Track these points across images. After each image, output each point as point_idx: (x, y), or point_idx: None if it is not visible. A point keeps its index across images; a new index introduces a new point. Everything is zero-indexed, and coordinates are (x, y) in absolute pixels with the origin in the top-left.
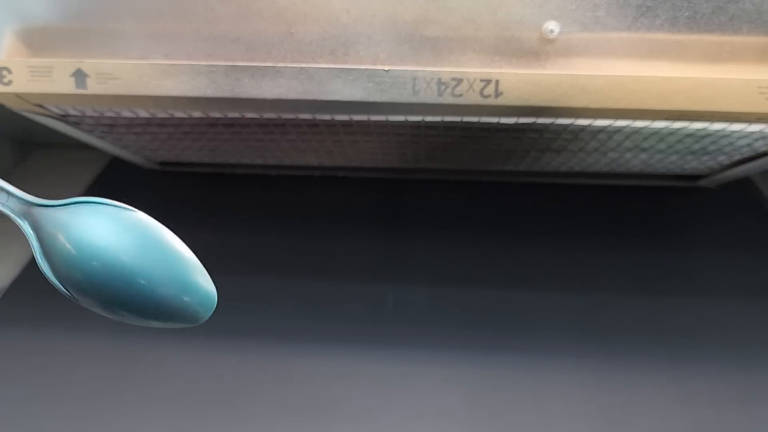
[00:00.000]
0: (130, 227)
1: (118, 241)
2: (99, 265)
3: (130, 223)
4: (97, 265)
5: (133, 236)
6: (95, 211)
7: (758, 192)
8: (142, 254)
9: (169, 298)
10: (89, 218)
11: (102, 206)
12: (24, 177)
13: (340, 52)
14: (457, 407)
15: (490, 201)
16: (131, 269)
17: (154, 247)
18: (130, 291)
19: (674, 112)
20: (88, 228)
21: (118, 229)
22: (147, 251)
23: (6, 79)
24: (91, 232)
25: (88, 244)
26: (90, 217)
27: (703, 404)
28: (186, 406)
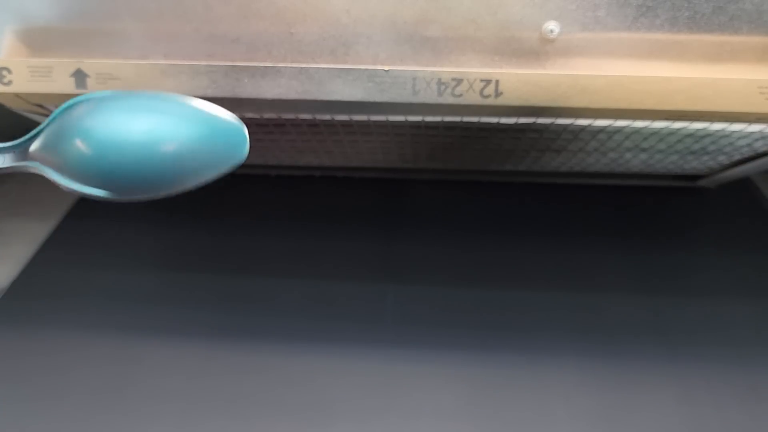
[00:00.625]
0: (119, 108)
1: (119, 125)
2: (114, 153)
3: (113, 104)
4: (112, 153)
5: (130, 113)
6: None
7: (758, 192)
8: (147, 123)
9: (201, 145)
10: (97, 118)
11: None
12: (24, 177)
13: (340, 52)
14: (457, 407)
15: (490, 201)
16: (147, 140)
17: (152, 109)
18: (156, 160)
19: (674, 112)
20: (95, 127)
21: (119, 116)
22: (151, 116)
23: (6, 79)
24: (99, 130)
25: (97, 140)
26: (100, 115)
27: (704, 404)
28: (186, 406)
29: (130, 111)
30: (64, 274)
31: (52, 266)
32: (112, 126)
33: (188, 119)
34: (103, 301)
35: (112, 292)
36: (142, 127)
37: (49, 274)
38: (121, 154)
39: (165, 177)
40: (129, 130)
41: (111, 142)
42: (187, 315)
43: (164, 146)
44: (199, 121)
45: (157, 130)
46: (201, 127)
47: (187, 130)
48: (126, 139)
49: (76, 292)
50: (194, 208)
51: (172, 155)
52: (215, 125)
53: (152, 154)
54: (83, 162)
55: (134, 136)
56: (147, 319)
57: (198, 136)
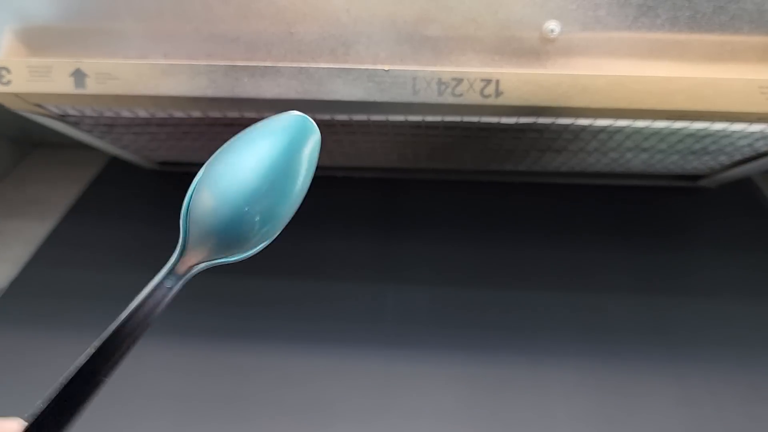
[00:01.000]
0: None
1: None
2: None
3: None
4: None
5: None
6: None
7: (759, 192)
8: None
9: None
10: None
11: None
12: (23, 177)
13: (340, 51)
14: (457, 407)
15: (490, 201)
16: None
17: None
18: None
19: (675, 111)
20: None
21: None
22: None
23: (5, 78)
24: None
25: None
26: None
27: (703, 403)
28: (186, 405)
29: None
30: (64, 274)
31: (52, 266)
32: (229, 196)
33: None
34: (103, 300)
35: (111, 292)
36: (252, 165)
37: (48, 274)
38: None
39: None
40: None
41: (236, 199)
42: (187, 315)
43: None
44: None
45: (265, 158)
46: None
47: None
48: (246, 186)
49: (76, 292)
50: None
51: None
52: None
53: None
54: (230, 236)
55: (250, 178)
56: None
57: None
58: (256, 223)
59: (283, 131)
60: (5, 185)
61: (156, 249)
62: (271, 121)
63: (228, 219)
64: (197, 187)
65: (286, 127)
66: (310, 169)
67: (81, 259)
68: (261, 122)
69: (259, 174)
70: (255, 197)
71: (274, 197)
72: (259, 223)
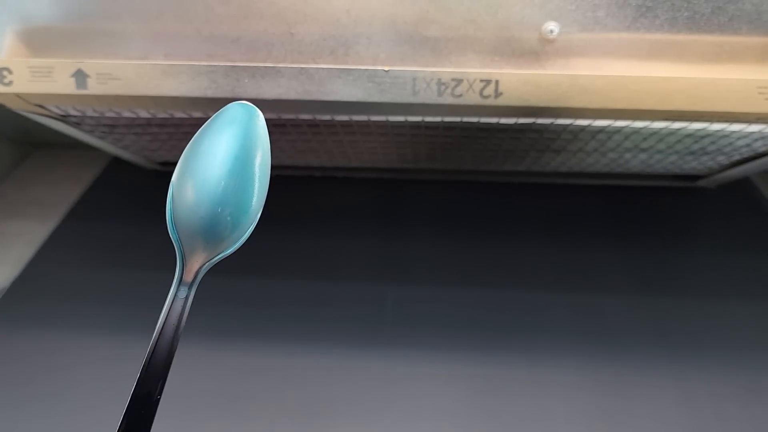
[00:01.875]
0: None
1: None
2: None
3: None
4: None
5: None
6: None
7: (757, 192)
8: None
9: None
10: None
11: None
12: (24, 177)
13: (340, 52)
14: (456, 406)
15: (490, 201)
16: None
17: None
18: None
19: (674, 112)
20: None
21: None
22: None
23: (6, 79)
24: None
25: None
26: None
27: (703, 403)
28: (186, 405)
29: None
30: (65, 274)
31: (53, 267)
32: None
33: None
34: (103, 300)
35: (112, 292)
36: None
37: (49, 274)
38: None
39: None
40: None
41: (210, 191)
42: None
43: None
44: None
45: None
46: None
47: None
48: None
49: (76, 292)
50: None
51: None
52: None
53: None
54: (218, 234)
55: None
56: (147, 319)
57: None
58: (231, 216)
59: (231, 124)
60: (6, 186)
61: (157, 249)
62: (218, 117)
63: (209, 219)
64: (174, 197)
65: (233, 120)
66: (266, 151)
67: (82, 259)
68: (210, 121)
69: (223, 173)
70: (225, 195)
71: (241, 186)
72: (232, 215)
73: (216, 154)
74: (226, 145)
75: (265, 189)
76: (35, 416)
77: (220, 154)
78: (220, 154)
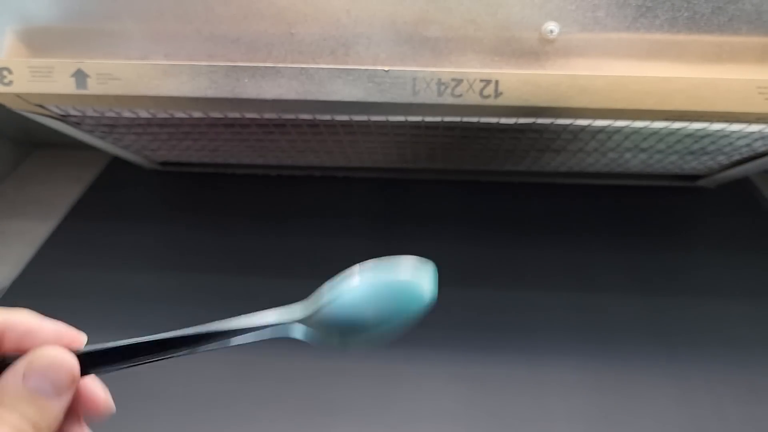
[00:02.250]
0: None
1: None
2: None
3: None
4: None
5: (369, 300)
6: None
7: (757, 192)
8: (375, 309)
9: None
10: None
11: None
12: (25, 177)
13: (340, 52)
14: (456, 406)
15: (490, 201)
16: (370, 321)
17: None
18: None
19: (673, 112)
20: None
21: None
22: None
23: (7, 79)
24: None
25: (343, 321)
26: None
27: (702, 403)
28: (187, 405)
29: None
30: (65, 274)
31: (53, 266)
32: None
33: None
34: (104, 300)
35: (112, 292)
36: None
37: (49, 274)
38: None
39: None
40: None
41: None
42: (187, 314)
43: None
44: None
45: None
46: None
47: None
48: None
49: (77, 291)
50: (194, 209)
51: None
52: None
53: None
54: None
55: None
56: (147, 319)
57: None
58: (354, 342)
59: (418, 301)
60: (6, 185)
61: (157, 248)
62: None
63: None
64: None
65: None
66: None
67: (82, 259)
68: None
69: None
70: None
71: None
72: (354, 343)
73: (386, 306)
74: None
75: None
76: None
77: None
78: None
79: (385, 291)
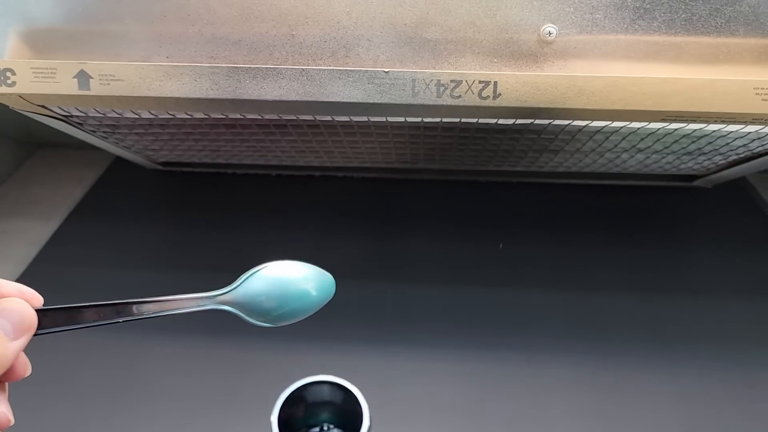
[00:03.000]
0: (270, 277)
1: (268, 287)
2: (266, 303)
3: (270, 274)
4: (265, 302)
5: (272, 282)
6: (255, 278)
7: (754, 192)
8: (281, 291)
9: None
10: (254, 283)
11: (255, 274)
12: (27, 177)
13: (340, 54)
14: (455, 403)
15: (489, 201)
16: (278, 297)
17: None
18: (281, 307)
19: (671, 113)
20: (256, 288)
21: (267, 281)
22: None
23: (10, 80)
24: (258, 289)
25: (258, 294)
26: (253, 282)
27: (699, 401)
28: (187, 404)
29: (285, 278)
30: (67, 273)
31: (55, 265)
32: (276, 289)
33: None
34: (106, 299)
35: (115, 291)
36: (295, 290)
37: (52, 273)
38: (281, 303)
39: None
40: (287, 291)
41: (276, 298)
42: (187, 314)
43: (304, 302)
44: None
45: (303, 292)
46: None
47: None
48: (285, 294)
49: (79, 290)
50: (196, 208)
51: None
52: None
53: (297, 306)
54: (258, 309)
55: (291, 294)
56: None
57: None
58: (276, 315)
59: (324, 288)
60: (9, 185)
61: (159, 248)
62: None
63: (262, 302)
64: (262, 274)
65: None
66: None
67: (84, 258)
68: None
69: (294, 293)
70: (282, 305)
71: (293, 308)
72: (276, 317)
73: (300, 283)
74: (308, 286)
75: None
76: (36, 413)
77: (302, 284)
78: (302, 284)
79: (280, 283)
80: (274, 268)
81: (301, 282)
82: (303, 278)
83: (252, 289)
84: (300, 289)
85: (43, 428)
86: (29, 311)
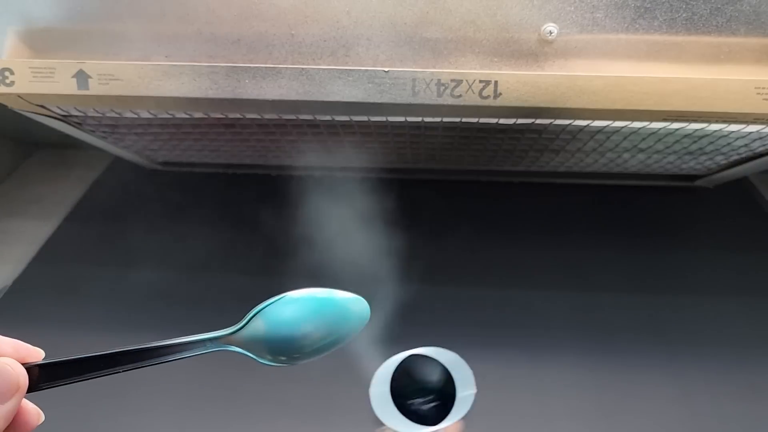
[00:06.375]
0: (293, 306)
1: (288, 322)
2: (286, 341)
3: (290, 305)
4: (284, 341)
5: (300, 311)
6: (264, 315)
7: (756, 192)
8: (304, 320)
9: (336, 334)
10: (264, 322)
11: (264, 310)
12: (26, 177)
13: (340, 53)
14: None
15: (489, 201)
16: (299, 333)
17: (309, 310)
18: (306, 343)
19: (672, 112)
20: (266, 327)
21: (285, 315)
22: (307, 316)
23: (8, 80)
24: (270, 328)
25: (273, 335)
26: (263, 320)
27: (701, 401)
28: (187, 404)
29: (300, 313)
30: (66, 272)
31: (54, 265)
32: (288, 328)
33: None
34: (104, 299)
35: (113, 291)
36: (308, 327)
37: (51, 272)
38: (293, 344)
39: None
40: (300, 329)
41: (287, 337)
42: (187, 314)
43: (323, 340)
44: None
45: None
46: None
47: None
48: (297, 334)
49: (78, 290)
50: (195, 208)
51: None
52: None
53: (313, 344)
54: (267, 347)
55: (303, 331)
56: (147, 318)
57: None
58: (287, 358)
59: (351, 321)
60: (8, 185)
61: (158, 248)
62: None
63: (275, 344)
64: (275, 309)
65: (355, 318)
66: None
67: (83, 258)
68: (343, 298)
69: (311, 335)
70: (298, 344)
71: (309, 350)
72: (288, 359)
73: (318, 322)
74: (330, 325)
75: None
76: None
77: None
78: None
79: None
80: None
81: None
82: (341, 304)
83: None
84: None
85: (42, 428)
86: (16, 372)
